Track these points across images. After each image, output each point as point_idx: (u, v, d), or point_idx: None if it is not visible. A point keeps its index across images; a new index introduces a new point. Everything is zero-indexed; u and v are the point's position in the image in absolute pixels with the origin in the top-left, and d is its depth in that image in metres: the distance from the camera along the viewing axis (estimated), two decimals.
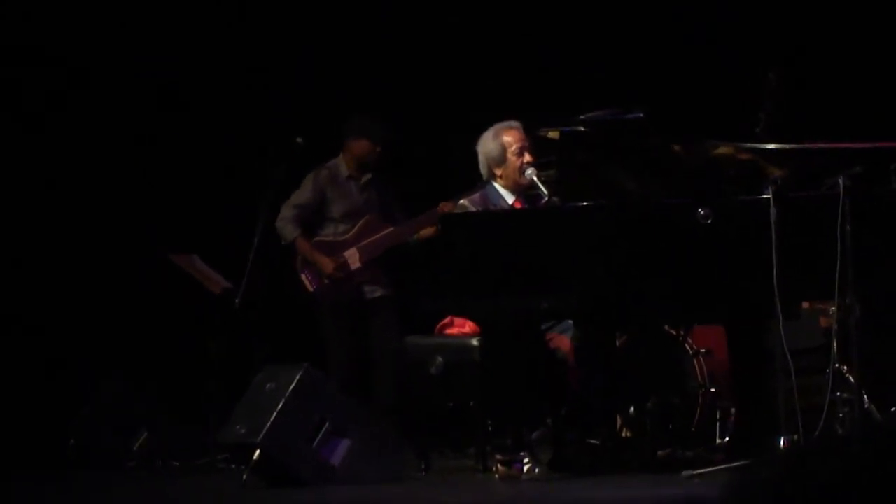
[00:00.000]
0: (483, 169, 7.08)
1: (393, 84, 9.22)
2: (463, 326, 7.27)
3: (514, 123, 7.03)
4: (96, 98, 9.46)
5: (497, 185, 7.05)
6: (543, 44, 9.21)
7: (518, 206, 7.00)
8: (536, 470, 6.32)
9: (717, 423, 7.13)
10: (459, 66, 9.28)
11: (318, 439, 6.48)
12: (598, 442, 6.56)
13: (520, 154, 6.98)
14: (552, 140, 6.63)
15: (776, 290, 5.84)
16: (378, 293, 8.13)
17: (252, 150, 8.94)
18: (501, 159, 7.02)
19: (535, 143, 6.94)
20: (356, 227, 8.14)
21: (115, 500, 6.52)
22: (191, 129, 9.48)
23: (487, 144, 7.06)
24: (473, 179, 7.16)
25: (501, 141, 7.02)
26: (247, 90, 9.50)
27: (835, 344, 6.14)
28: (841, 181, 5.87)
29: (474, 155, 7.11)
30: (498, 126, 7.06)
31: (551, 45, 9.18)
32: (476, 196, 7.05)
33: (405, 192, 8.33)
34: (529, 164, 6.93)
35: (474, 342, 6.97)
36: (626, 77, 8.60)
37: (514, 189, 7.03)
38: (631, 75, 8.64)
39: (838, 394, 6.22)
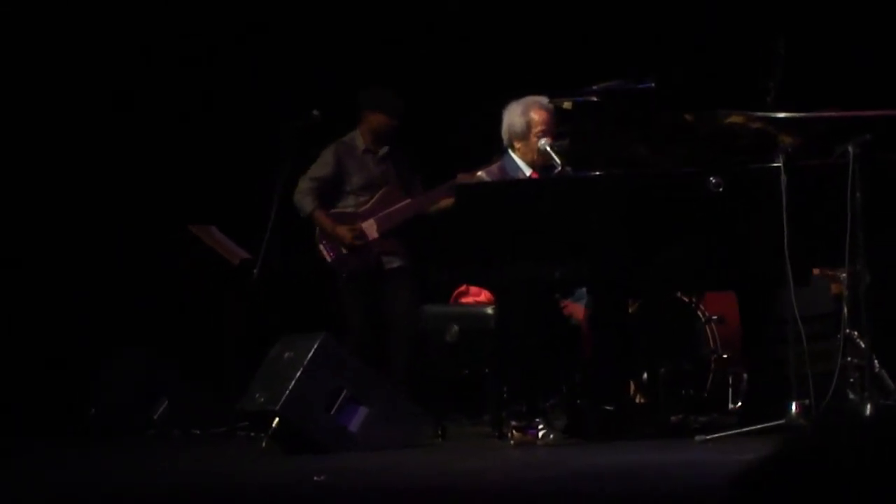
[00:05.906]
0: (504, 136, 7.05)
1: (410, 56, 9.23)
2: (478, 295, 7.31)
3: (545, 102, 6.92)
4: (118, 70, 9.51)
5: (515, 156, 7.03)
6: (558, 14, 9.21)
7: (535, 177, 7.00)
8: (551, 436, 6.38)
9: (730, 389, 7.18)
10: (476, 37, 9.28)
11: (335, 407, 6.53)
12: (611, 408, 6.61)
13: (543, 135, 6.92)
14: (565, 110, 6.67)
15: (787, 256, 5.89)
16: (395, 263, 8.13)
17: (270, 122, 8.98)
18: (524, 136, 6.98)
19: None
20: (374, 199, 8.14)
21: (135, 468, 6.57)
22: (210, 101, 9.52)
23: (514, 116, 7.02)
24: (491, 151, 7.18)
25: (529, 118, 6.97)
26: (265, 63, 9.53)
27: (845, 310, 6.17)
28: (850, 149, 5.91)
29: (492, 127, 7.09)
30: (529, 100, 7.00)
31: (566, 14, 9.18)
32: (494, 168, 7.04)
33: (423, 164, 8.35)
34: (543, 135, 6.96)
35: (489, 310, 7.03)
36: (637, 47, 8.61)
37: (531, 163, 7.02)
38: (642, 45, 8.65)
39: (849, 359, 6.24)
